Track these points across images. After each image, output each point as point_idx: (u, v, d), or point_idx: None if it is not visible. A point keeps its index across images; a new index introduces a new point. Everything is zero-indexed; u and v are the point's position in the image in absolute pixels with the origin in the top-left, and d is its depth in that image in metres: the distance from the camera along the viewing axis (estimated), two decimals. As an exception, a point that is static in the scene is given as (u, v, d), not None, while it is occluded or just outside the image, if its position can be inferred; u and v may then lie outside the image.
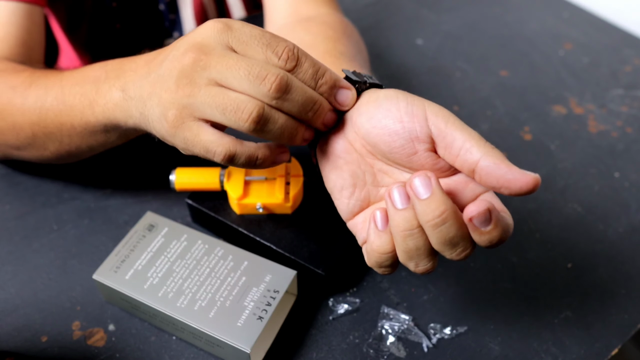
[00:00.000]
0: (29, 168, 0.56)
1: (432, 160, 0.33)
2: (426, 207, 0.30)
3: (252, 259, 0.44)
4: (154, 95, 0.35)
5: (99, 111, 0.41)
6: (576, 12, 0.86)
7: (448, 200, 0.30)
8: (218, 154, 0.34)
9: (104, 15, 0.70)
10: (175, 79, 0.34)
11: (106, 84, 0.40)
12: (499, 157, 0.30)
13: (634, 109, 0.68)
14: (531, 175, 0.30)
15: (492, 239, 0.31)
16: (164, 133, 0.35)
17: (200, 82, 0.33)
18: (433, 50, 0.77)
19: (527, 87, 0.71)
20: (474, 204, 0.30)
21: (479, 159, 0.31)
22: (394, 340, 0.45)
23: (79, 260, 0.49)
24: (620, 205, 0.57)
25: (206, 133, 0.34)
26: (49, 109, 0.44)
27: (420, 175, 0.31)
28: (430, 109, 0.33)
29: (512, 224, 0.32)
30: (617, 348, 0.45)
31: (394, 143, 0.33)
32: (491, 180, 0.30)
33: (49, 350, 0.43)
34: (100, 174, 0.56)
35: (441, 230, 0.31)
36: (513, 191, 0.30)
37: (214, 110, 0.33)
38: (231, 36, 0.34)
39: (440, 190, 0.30)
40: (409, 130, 0.33)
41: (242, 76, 0.32)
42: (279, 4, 0.60)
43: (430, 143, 0.33)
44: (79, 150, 0.46)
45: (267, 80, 0.32)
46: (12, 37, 0.52)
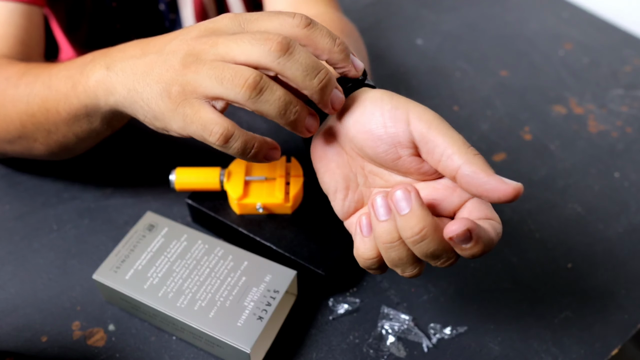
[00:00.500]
0: (29, 168, 0.56)
1: (417, 165, 0.33)
2: (405, 223, 0.30)
3: (252, 259, 0.44)
4: (152, 73, 0.35)
5: (80, 90, 0.40)
6: (576, 12, 0.86)
7: (427, 217, 0.30)
8: (215, 132, 0.33)
9: (104, 15, 0.70)
10: (181, 58, 0.33)
11: (91, 64, 0.40)
12: (480, 165, 0.30)
13: (634, 109, 0.68)
14: (511, 185, 0.29)
15: (473, 253, 0.30)
16: (164, 110, 0.34)
17: (206, 58, 0.33)
18: (433, 50, 0.77)
19: (527, 87, 0.71)
20: (455, 224, 0.29)
21: (459, 166, 0.30)
22: (394, 340, 0.45)
23: (79, 260, 0.49)
24: (620, 205, 0.57)
25: (206, 111, 0.33)
26: (37, 94, 0.43)
27: (400, 189, 0.30)
28: (413, 113, 0.32)
29: (497, 233, 0.31)
30: (617, 348, 0.45)
31: (378, 148, 0.33)
32: (470, 188, 0.30)
33: (49, 350, 0.43)
34: (100, 174, 0.56)
35: (420, 246, 0.30)
36: (492, 200, 0.30)
37: (213, 81, 0.32)
38: (242, 17, 0.34)
39: (419, 206, 0.30)
40: (391, 135, 0.32)
41: (246, 41, 0.32)
42: (278, 3, 0.60)
43: (414, 148, 0.32)
44: (67, 140, 0.45)
45: (269, 40, 0.31)
46: (11, 36, 0.52)
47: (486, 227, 0.31)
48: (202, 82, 0.33)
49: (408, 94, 0.69)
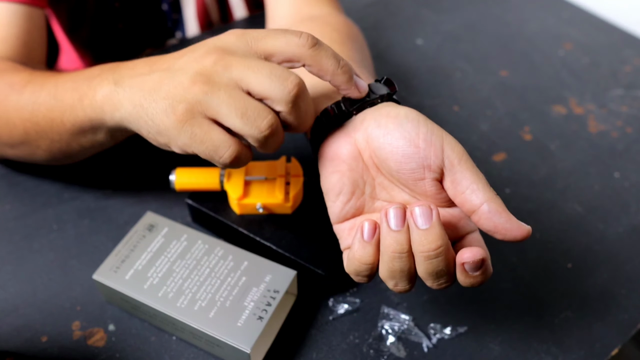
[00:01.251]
0: (29, 168, 0.56)
1: (436, 190, 0.34)
2: (423, 238, 0.31)
3: (252, 259, 0.44)
4: (160, 91, 0.35)
5: (87, 104, 0.40)
6: (576, 12, 0.86)
7: (445, 236, 0.31)
8: (227, 156, 0.34)
9: (106, 15, 0.70)
10: (190, 76, 0.33)
11: (98, 78, 0.40)
12: (501, 205, 0.32)
13: (634, 109, 0.68)
14: (525, 228, 0.31)
15: (474, 283, 0.32)
16: (168, 126, 0.34)
17: (219, 81, 0.33)
18: (433, 50, 0.77)
19: (527, 87, 0.71)
20: (470, 250, 0.31)
21: (482, 202, 0.32)
22: (394, 340, 0.45)
23: (79, 260, 0.49)
24: (620, 205, 0.57)
25: (217, 132, 0.33)
26: (42, 104, 0.43)
27: (423, 205, 0.32)
28: (447, 142, 0.33)
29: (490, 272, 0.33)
30: (617, 348, 0.45)
31: (405, 165, 0.34)
32: (489, 224, 0.32)
33: (49, 350, 0.43)
34: (100, 174, 0.56)
35: (432, 262, 0.32)
36: (507, 238, 0.32)
37: (232, 112, 0.32)
38: (249, 35, 0.34)
39: (439, 225, 0.31)
40: (423, 157, 0.33)
41: (264, 75, 0.32)
42: (280, 4, 0.60)
43: (439, 174, 0.33)
44: (71, 149, 0.46)
45: (289, 82, 0.33)
46: (13, 37, 0.52)
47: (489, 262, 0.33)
48: (215, 106, 0.33)
49: (408, 94, 0.69)
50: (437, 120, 0.36)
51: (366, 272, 0.34)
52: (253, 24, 0.77)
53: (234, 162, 0.34)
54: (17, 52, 0.51)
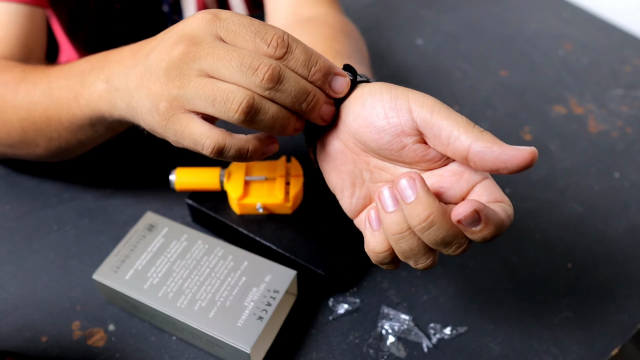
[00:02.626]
0: (28, 168, 0.56)
1: (422, 152, 0.33)
2: (412, 211, 0.30)
3: (252, 259, 0.44)
4: (142, 88, 0.35)
5: (84, 103, 0.40)
6: (576, 12, 0.86)
7: (434, 202, 0.30)
8: (207, 146, 0.33)
9: (106, 16, 0.70)
10: (164, 71, 0.33)
11: (91, 75, 0.40)
12: (490, 140, 0.30)
13: (634, 109, 0.68)
14: (526, 150, 0.29)
15: (484, 236, 0.30)
16: (155, 125, 0.35)
17: (190, 73, 0.33)
18: (433, 50, 0.77)
19: (527, 87, 0.71)
20: (462, 205, 0.29)
21: (469, 145, 0.30)
22: (394, 340, 0.45)
23: (79, 260, 0.49)
24: (620, 205, 0.57)
25: (195, 125, 0.33)
26: (37, 103, 0.44)
27: (404, 177, 0.30)
28: (414, 100, 0.32)
29: (508, 215, 0.31)
30: (617, 348, 0.45)
31: (381, 140, 0.33)
32: (486, 164, 0.30)
33: (49, 350, 0.43)
34: (100, 174, 0.56)
35: (429, 233, 0.30)
36: (512, 170, 0.29)
37: (204, 101, 0.32)
38: (220, 26, 0.33)
39: (425, 193, 0.30)
40: (394, 125, 0.32)
41: (234, 67, 0.31)
42: (280, 4, 0.60)
43: (418, 135, 0.32)
44: (70, 145, 0.46)
45: (259, 70, 0.31)
46: (13, 37, 0.52)
47: (496, 208, 0.30)
48: (190, 99, 0.32)
49: (408, 94, 0.69)
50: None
51: (388, 260, 0.34)
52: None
53: (217, 151, 0.33)
54: (16, 51, 0.51)
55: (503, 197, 0.32)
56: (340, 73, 0.34)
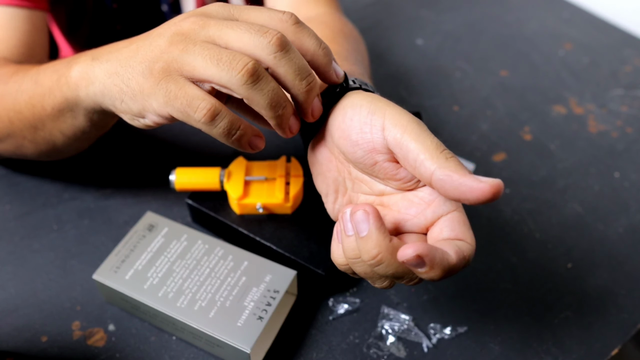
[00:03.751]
0: (28, 168, 0.56)
1: (392, 171, 0.33)
2: (363, 246, 0.30)
3: (252, 259, 0.44)
4: (137, 56, 0.34)
5: (63, 82, 0.39)
6: (576, 12, 0.86)
7: (384, 241, 0.29)
8: (201, 108, 0.31)
9: (104, 16, 0.70)
10: (168, 37, 0.33)
11: (78, 58, 0.39)
12: (453, 168, 0.29)
13: (634, 109, 0.68)
14: (487, 183, 0.28)
15: (431, 277, 0.29)
16: (144, 86, 0.33)
17: (196, 39, 0.32)
18: (433, 50, 0.77)
19: (527, 87, 0.71)
20: (408, 247, 0.28)
21: (433, 171, 0.29)
22: (394, 340, 0.45)
23: (79, 260, 0.49)
24: (620, 205, 0.57)
25: (192, 87, 0.32)
26: (24, 90, 0.43)
27: (360, 209, 0.30)
28: (389, 118, 0.31)
29: (462, 257, 0.30)
30: (617, 348, 0.45)
31: (356, 154, 0.33)
32: (447, 192, 0.29)
33: (49, 350, 0.43)
34: (100, 174, 0.56)
35: (378, 269, 0.30)
36: (471, 201, 0.29)
37: (207, 61, 0.31)
38: (232, 7, 0.34)
39: (376, 230, 0.29)
40: (367, 141, 0.32)
41: (243, 29, 0.31)
42: (279, 4, 0.60)
43: (389, 154, 0.32)
44: (54, 137, 0.45)
45: (269, 33, 0.31)
46: (14, 40, 0.52)
47: (449, 250, 0.29)
48: (191, 61, 0.31)
49: (408, 93, 0.69)
50: (437, 120, 0.36)
51: (349, 272, 0.34)
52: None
53: (211, 115, 0.31)
54: (18, 53, 0.51)
55: (466, 234, 0.31)
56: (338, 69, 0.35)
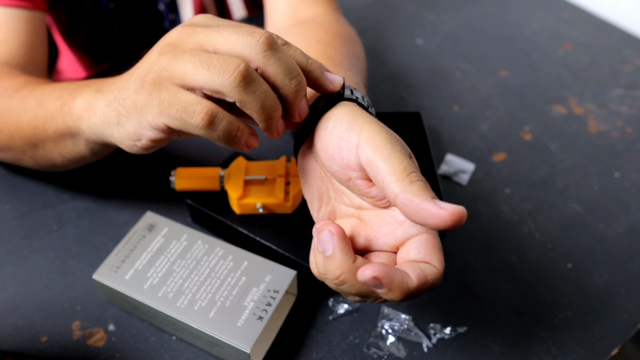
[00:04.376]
0: (28, 169, 0.56)
1: (365, 189, 0.33)
2: (327, 265, 0.30)
3: (252, 259, 0.44)
4: (132, 76, 0.34)
5: (66, 111, 0.40)
6: (576, 12, 0.86)
7: (346, 262, 0.29)
8: (198, 112, 0.31)
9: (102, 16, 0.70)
10: (157, 50, 0.33)
11: (84, 87, 0.40)
12: (416, 192, 0.29)
13: (634, 109, 0.68)
14: (448, 210, 0.28)
15: (391, 298, 0.29)
16: (136, 100, 0.33)
17: (185, 46, 0.32)
18: (433, 50, 0.77)
19: (527, 87, 0.71)
20: (366, 268, 0.28)
21: (397, 194, 0.29)
22: (394, 340, 0.45)
23: (79, 260, 0.49)
24: (620, 205, 0.57)
25: (185, 93, 0.31)
26: (28, 109, 0.43)
27: (325, 230, 0.30)
28: (365, 136, 0.31)
29: (425, 281, 0.30)
30: (617, 348, 0.45)
31: (331, 167, 0.33)
32: (410, 216, 0.29)
33: (49, 350, 0.43)
34: (100, 174, 0.56)
35: (342, 288, 0.30)
36: (432, 226, 0.28)
37: (198, 66, 0.30)
38: (221, 20, 0.34)
39: (340, 251, 0.29)
40: (341, 157, 0.32)
41: (231, 32, 0.31)
42: (279, 5, 0.60)
43: (362, 171, 0.32)
44: (53, 157, 0.46)
45: (257, 33, 0.31)
46: (14, 41, 0.52)
47: (410, 272, 0.29)
48: (181, 68, 0.31)
49: (408, 93, 0.69)
50: (437, 120, 0.36)
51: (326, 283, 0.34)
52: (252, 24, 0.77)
53: (209, 119, 0.31)
54: (18, 54, 0.51)
55: (433, 258, 0.31)
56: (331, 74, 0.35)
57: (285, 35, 0.54)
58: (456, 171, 0.58)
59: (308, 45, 0.49)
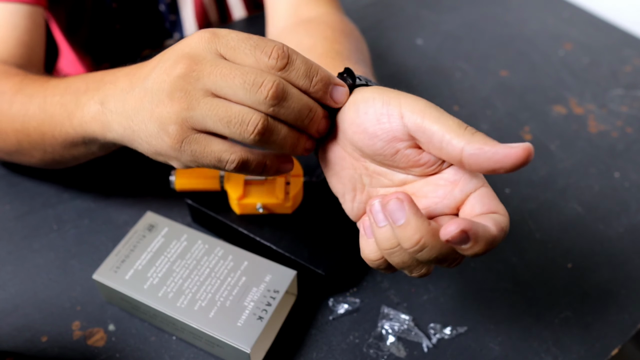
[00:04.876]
0: (28, 169, 0.56)
1: (415, 157, 0.33)
2: (402, 234, 0.29)
3: (252, 259, 0.44)
4: (143, 110, 0.34)
5: (76, 123, 0.40)
6: (576, 12, 0.86)
7: (423, 225, 0.29)
8: (231, 161, 0.33)
9: (103, 16, 0.70)
10: (167, 92, 0.33)
11: (85, 96, 0.40)
12: (482, 141, 0.29)
13: (634, 109, 0.68)
14: (519, 147, 0.28)
15: (475, 252, 0.29)
16: (167, 148, 0.34)
17: (195, 94, 0.32)
18: (433, 50, 0.77)
19: (527, 87, 0.71)
20: (450, 225, 0.28)
21: (462, 148, 0.30)
22: (394, 340, 0.45)
23: (79, 260, 0.49)
24: (620, 205, 0.57)
25: (216, 143, 0.33)
26: (32, 117, 0.43)
27: (393, 198, 0.30)
28: (405, 105, 0.32)
29: (501, 228, 0.30)
30: (617, 348, 0.45)
31: (375, 146, 0.33)
32: (482, 166, 0.29)
33: (49, 350, 0.43)
34: (100, 174, 0.56)
35: (422, 254, 0.30)
36: (508, 169, 0.29)
37: (217, 123, 0.32)
38: (219, 43, 0.33)
39: (414, 215, 0.29)
40: (386, 131, 0.32)
41: (238, 85, 0.31)
42: (280, 5, 0.60)
43: (410, 140, 0.32)
44: (64, 159, 0.46)
45: (263, 87, 0.31)
46: (12, 38, 0.51)
47: (487, 223, 0.30)
48: (203, 121, 0.33)
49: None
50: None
51: (383, 266, 0.34)
52: (252, 24, 0.77)
53: (241, 166, 0.34)
54: (15, 52, 0.51)
55: (498, 206, 0.31)
56: (339, 83, 0.34)
57: (291, 35, 0.54)
58: (456, 171, 0.58)
59: (314, 42, 0.49)
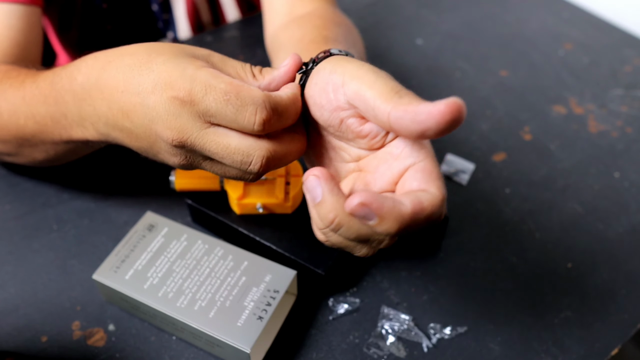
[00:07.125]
0: (28, 169, 0.56)
1: (357, 127, 0.32)
2: (320, 212, 0.28)
3: (252, 259, 0.44)
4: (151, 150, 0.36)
5: (74, 135, 0.40)
6: (576, 12, 0.86)
7: (338, 203, 0.28)
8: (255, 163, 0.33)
9: (94, 17, 0.69)
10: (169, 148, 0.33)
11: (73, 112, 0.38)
12: (408, 102, 0.27)
13: (634, 109, 0.68)
14: (443, 103, 0.26)
15: (387, 230, 0.27)
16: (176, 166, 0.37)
17: (196, 158, 0.34)
18: (433, 50, 0.77)
19: (527, 87, 0.71)
20: (353, 197, 0.26)
21: (389, 112, 0.28)
22: (394, 340, 0.45)
23: (79, 260, 0.49)
24: (620, 205, 0.57)
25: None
26: (25, 126, 0.43)
27: (310, 175, 0.28)
28: (348, 73, 0.31)
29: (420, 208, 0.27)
30: (617, 348, 0.45)
31: (322, 117, 0.32)
32: (408, 129, 0.27)
33: (49, 350, 0.43)
34: (100, 174, 0.56)
35: (341, 232, 0.28)
36: (436, 131, 0.26)
37: (223, 174, 0.35)
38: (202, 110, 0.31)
39: (329, 193, 0.28)
40: (329, 100, 0.32)
41: (228, 164, 0.33)
42: (276, 4, 0.60)
43: (352, 109, 0.31)
44: (68, 155, 0.47)
45: (253, 165, 0.32)
46: (7, 39, 0.51)
47: (404, 200, 0.27)
48: (209, 168, 0.35)
49: (408, 94, 0.69)
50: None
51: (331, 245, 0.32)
52: (246, 26, 0.77)
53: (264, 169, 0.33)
54: (10, 52, 0.51)
55: (430, 184, 0.29)
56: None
57: (284, 31, 0.54)
58: (456, 171, 0.58)
59: (304, 32, 0.49)
